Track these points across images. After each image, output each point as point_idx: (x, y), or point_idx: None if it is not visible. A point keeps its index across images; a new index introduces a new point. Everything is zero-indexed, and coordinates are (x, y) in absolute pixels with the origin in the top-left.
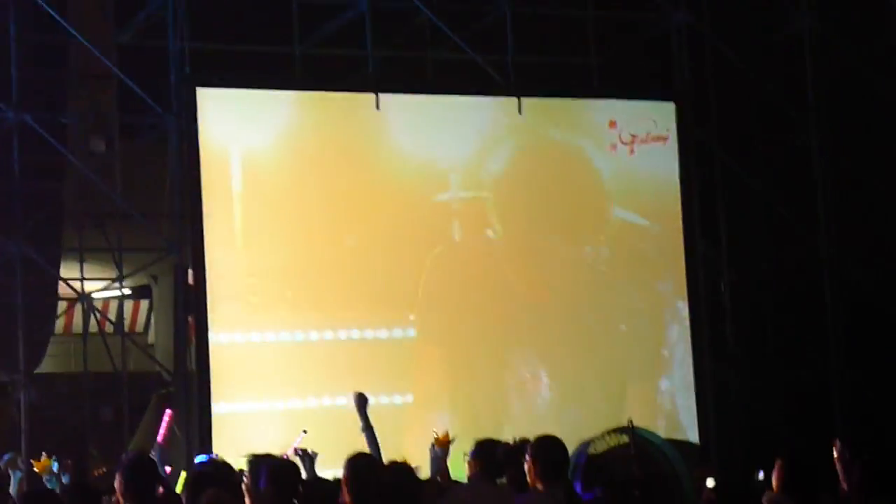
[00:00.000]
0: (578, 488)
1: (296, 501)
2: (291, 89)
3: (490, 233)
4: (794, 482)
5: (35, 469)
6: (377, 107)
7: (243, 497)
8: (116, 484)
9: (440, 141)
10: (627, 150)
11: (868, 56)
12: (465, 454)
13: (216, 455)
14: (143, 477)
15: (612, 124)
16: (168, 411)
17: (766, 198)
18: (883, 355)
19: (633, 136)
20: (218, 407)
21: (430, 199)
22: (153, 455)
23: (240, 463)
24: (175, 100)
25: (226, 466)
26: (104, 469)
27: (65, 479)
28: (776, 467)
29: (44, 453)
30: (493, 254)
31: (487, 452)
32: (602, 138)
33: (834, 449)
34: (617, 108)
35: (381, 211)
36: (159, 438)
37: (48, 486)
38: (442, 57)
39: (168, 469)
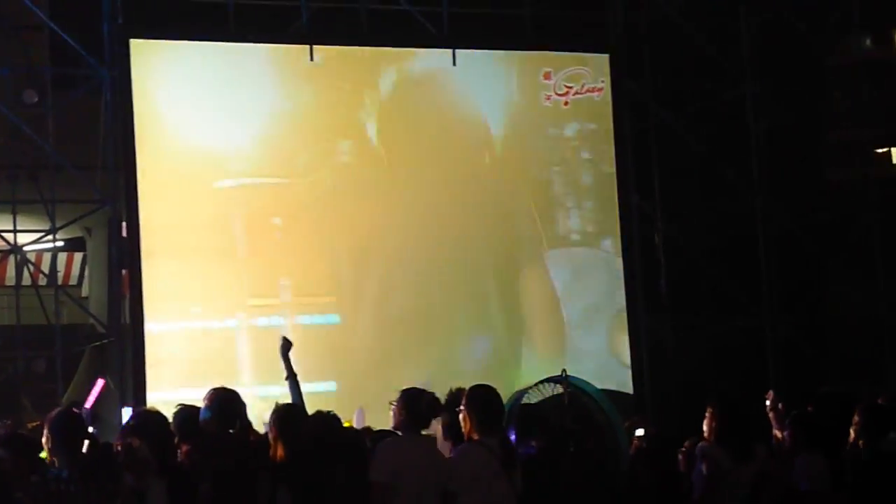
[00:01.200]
0: (513, 438)
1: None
2: (225, 41)
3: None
4: (727, 431)
5: None
6: (311, 58)
7: (172, 446)
8: (43, 439)
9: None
10: (562, 102)
11: (801, 7)
12: (390, 403)
13: (146, 407)
14: (70, 432)
15: (547, 76)
16: (100, 380)
17: (700, 151)
18: (815, 306)
19: (568, 87)
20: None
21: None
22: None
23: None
24: (108, 51)
25: (156, 416)
26: (37, 422)
27: None
28: (707, 416)
29: None
30: (413, 231)
31: (413, 402)
32: (537, 90)
33: (767, 400)
34: (552, 60)
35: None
36: (87, 404)
37: None
38: (376, 8)
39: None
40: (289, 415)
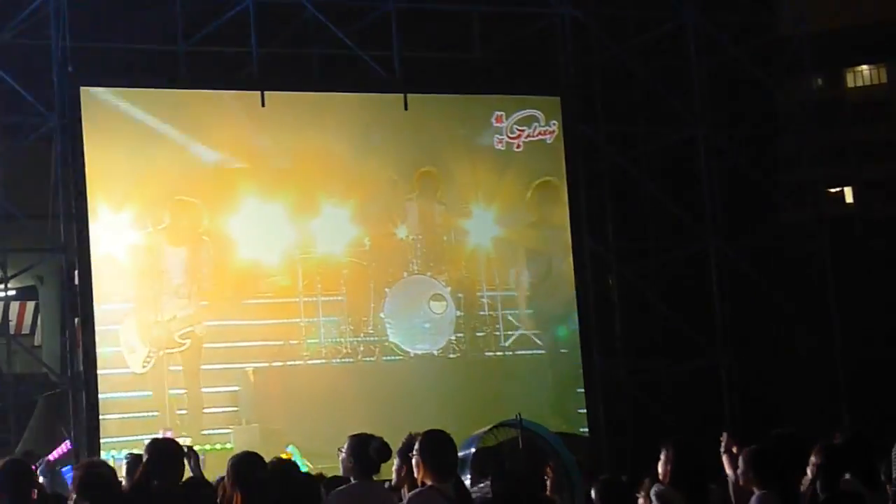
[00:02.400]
0: (468, 481)
1: None
2: (177, 88)
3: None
4: (682, 474)
5: None
6: (262, 104)
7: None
8: None
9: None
10: (514, 145)
11: (751, 48)
12: (338, 450)
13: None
14: (18, 479)
15: (499, 119)
16: (67, 442)
17: (653, 193)
18: (770, 346)
19: (520, 130)
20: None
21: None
22: (39, 463)
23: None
24: (58, 99)
25: (105, 471)
26: None
27: None
28: (662, 458)
29: None
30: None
31: (360, 449)
32: (489, 133)
33: (722, 441)
34: (504, 103)
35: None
36: (50, 457)
37: None
38: (327, 53)
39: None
40: (247, 463)
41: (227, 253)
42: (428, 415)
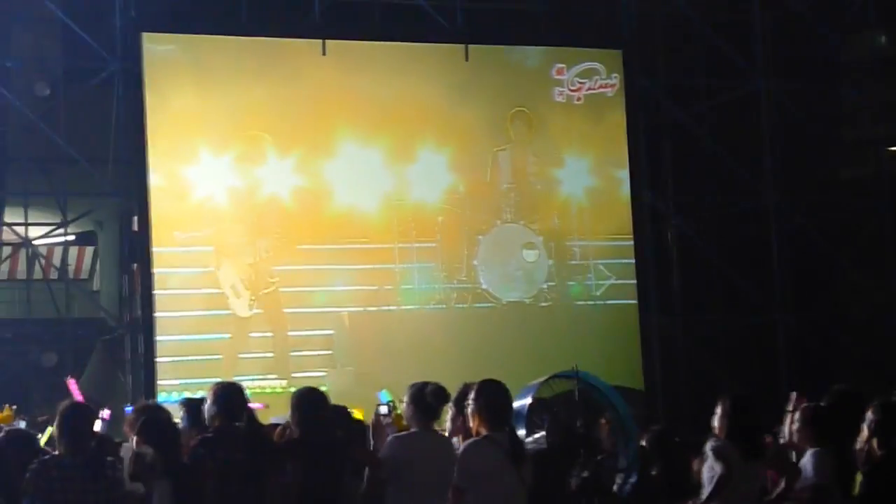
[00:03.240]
0: (522, 432)
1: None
2: (238, 35)
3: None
4: (738, 429)
5: None
6: (323, 53)
7: (178, 446)
8: (54, 429)
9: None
10: (575, 98)
11: (815, 2)
12: (399, 401)
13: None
14: (79, 424)
15: (560, 72)
16: (72, 381)
17: (712, 148)
18: (827, 303)
19: (581, 83)
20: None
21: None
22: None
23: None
24: (120, 44)
25: (163, 414)
26: (46, 416)
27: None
28: (718, 413)
29: (6, 405)
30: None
31: (419, 396)
32: (549, 86)
33: (790, 400)
34: (564, 56)
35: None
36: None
37: None
38: (389, 2)
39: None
40: (310, 400)
41: (323, 198)
42: (518, 361)
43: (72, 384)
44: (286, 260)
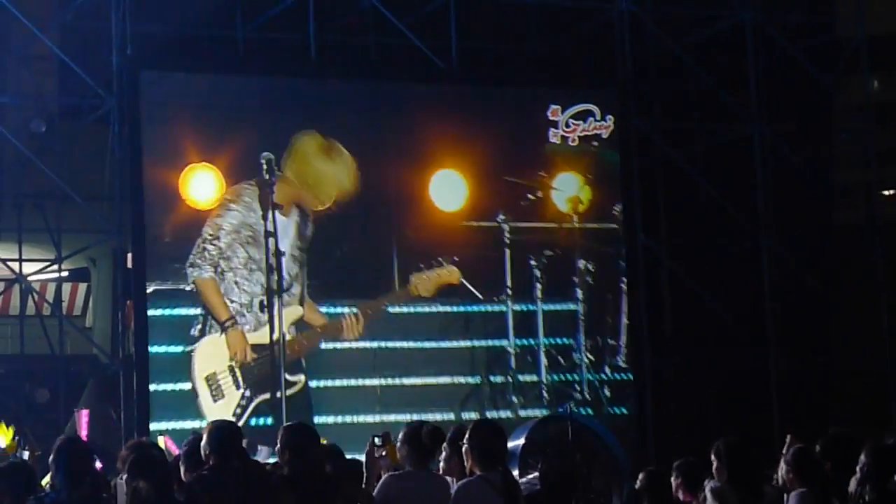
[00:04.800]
0: (516, 473)
1: None
2: (234, 74)
3: None
4: (737, 472)
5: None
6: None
7: (171, 483)
8: (50, 464)
9: None
10: (569, 139)
11: (809, 48)
12: (394, 442)
13: (145, 441)
14: (75, 459)
15: (555, 113)
16: (82, 412)
17: (706, 189)
18: (819, 346)
19: (576, 124)
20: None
21: None
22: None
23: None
24: (116, 82)
25: (157, 452)
26: (39, 451)
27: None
28: (715, 457)
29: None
30: None
31: (414, 436)
32: (544, 126)
33: (786, 442)
34: (559, 97)
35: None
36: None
37: None
38: (385, 42)
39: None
40: (301, 434)
41: None
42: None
43: (82, 415)
44: None
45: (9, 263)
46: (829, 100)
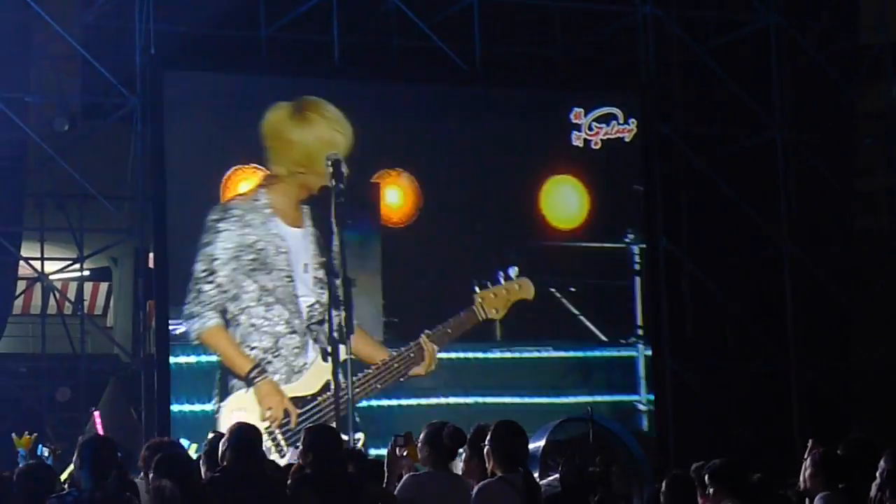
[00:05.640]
0: (536, 474)
1: None
2: (257, 74)
3: None
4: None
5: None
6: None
7: (196, 482)
8: (74, 461)
9: None
10: (592, 142)
11: (832, 54)
12: (417, 442)
13: (169, 441)
14: (100, 457)
15: (578, 116)
16: (96, 412)
17: (728, 195)
18: (840, 353)
19: (599, 127)
20: None
21: None
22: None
23: None
24: (140, 81)
25: (181, 451)
26: (59, 449)
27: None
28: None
29: (26, 432)
30: None
31: (435, 437)
32: (566, 130)
33: (807, 447)
34: (582, 100)
35: None
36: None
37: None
38: (408, 44)
39: None
40: (324, 436)
41: None
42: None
43: (96, 417)
44: None
45: (31, 262)
46: (852, 106)
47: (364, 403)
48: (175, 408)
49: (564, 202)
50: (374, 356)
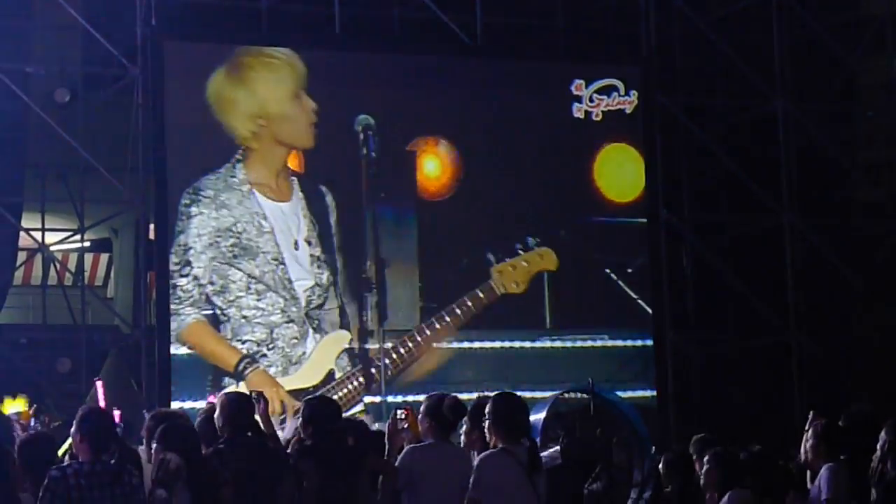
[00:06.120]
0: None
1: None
2: (258, 44)
3: None
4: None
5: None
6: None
7: (199, 453)
8: (73, 433)
9: None
10: (593, 114)
11: (834, 25)
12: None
13: (171, 411)
14: (98, 428)
15: (579, 88)
16: (98, 382)
17: (729, 167)
18: (842, 325)
19: (600, 99)
20: None
21: None
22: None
23: None
24: (140, 52)
25: (184, 422)
26: (60, 421)
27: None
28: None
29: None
30: None
31: (436, 409)
32: (568, 101)
33: (808, 419)
34: (583, 71)
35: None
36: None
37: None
38: (409, 16)
39: None
40: (323, 408)
41: None
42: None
43: (99, 386)
44: None
45: (32, 233)
46: (854, 77)
47: (400, 398)
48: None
49: (621, 172)
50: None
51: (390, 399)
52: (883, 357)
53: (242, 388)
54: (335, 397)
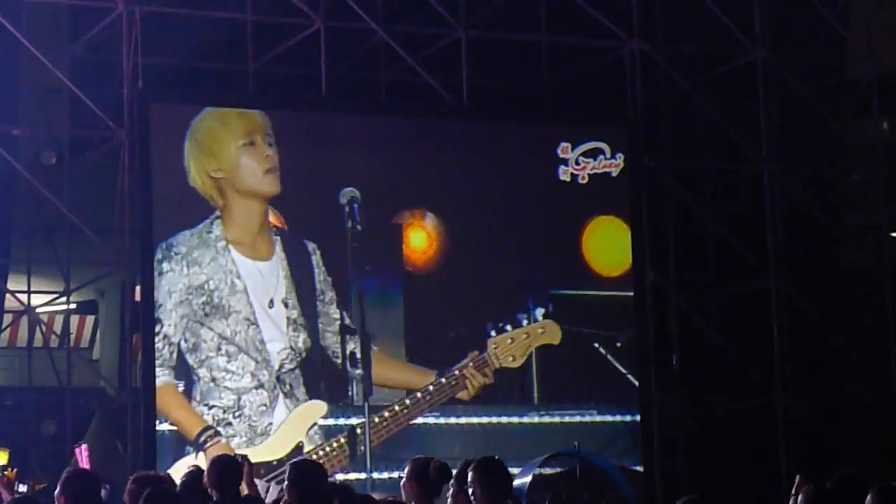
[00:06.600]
0: None
1: None
2: (244, 107)
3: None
4: None
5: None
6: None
7: None
8: (57, 495)
9: None
10: (579, 177)
11: (820, 88)
12: (400, 477)
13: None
14: (84, 493)
15: (565, 150)
16: (82, 446)
17: (715, 229)
18: (828, 387)
19: (586, 162)
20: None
21: None
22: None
23: None
24: (127, 114)
25: (168, 487)
26: (44, 484)
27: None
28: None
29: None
30: None
31: (421, 472)
32: (554, 164)
33: (794, 483)
34: (569, 134)
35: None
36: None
37: None
38: (396, 78)
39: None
40: (308, 472)
41: None
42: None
43: (82, 451)
44: None
45: (17, 295)
46: (840, 140)
47: (386, 474)
48: None
49: (609, 245)
50: (401, 378)
51: (375, 476)
52: (869, 419)
53: (201, 459)
54: None
